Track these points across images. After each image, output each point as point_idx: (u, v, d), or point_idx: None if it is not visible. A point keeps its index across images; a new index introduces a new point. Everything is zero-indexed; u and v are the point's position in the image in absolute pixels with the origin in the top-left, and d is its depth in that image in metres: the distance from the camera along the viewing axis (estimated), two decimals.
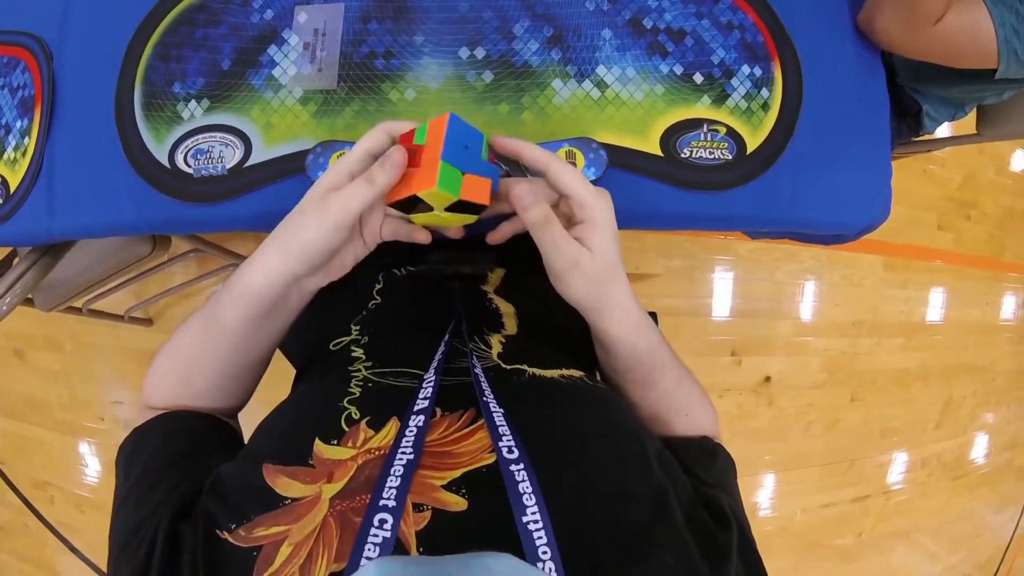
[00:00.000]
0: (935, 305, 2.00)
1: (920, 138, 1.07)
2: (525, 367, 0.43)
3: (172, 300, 1.55)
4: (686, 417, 0.47)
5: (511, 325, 0.51)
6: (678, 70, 0.59)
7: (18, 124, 0.64)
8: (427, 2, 0.57)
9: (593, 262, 0.38)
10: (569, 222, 0.39)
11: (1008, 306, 2.19)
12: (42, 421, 1.71)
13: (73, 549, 1.66)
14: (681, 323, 1.67)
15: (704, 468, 0.40)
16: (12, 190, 0.63)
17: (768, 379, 1.75)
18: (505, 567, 0.23)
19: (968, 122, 1.03)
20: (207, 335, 0.43)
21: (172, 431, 0.42)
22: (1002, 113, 1.03)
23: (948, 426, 2.05)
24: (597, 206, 0.38)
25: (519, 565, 0.23)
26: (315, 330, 0.63)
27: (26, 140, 0.63)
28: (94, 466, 1.69)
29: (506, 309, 0.54)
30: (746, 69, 0.60)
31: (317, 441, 0.33)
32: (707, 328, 1.60)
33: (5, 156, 0.64)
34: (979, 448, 2.17)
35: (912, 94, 0.97)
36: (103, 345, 1.61)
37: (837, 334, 1.82)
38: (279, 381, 0.66)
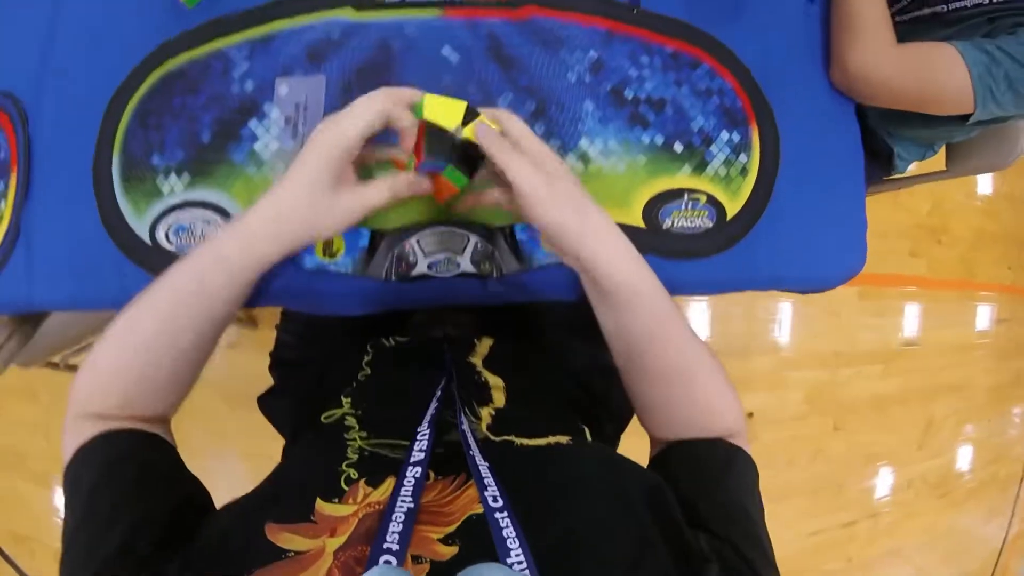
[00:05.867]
0: (911, 330, 2.04)
1: (891, 177, 1.11)
2: (513, 438, 0.44)
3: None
4: (704, 397, 0.46)
5: (499, 398, 0.52)
6: (659, 140, 0.60)
7: None
8: (410, 76, 0.58)
9: (561, 180, 0.42)
10: None
11: (982, 324, 2.25)
12: (19, 473, 1.65)
13: None
14: None
15: (707, 491, 0.40)
16: None
17: (751, 415, 1.77)
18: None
19: (937, 157, 1.07)
20: (184, 303, 0.42)
21: (118, 456, 0.40)
22: (969, 149, 1.06)
23: (931, 446, 2.08)
24: (544, 147, 0.44)
25: (509, 574, 0.25)
26: (306, 401, 0.63)
27: (2, 204, 0.61)
28: None
29: (495, 382, 0.54)
30: (725, 135, 0.61)
31: (319, 500, 0.34)
32: None
33: None
34: (963, 464, 2.21)
35: (884, 137, 1.00)
36: None
37: (816, 365, 1.86)
38: (263, 434, 0.66)
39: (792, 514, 1.84)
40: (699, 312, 1.78)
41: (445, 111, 0.43)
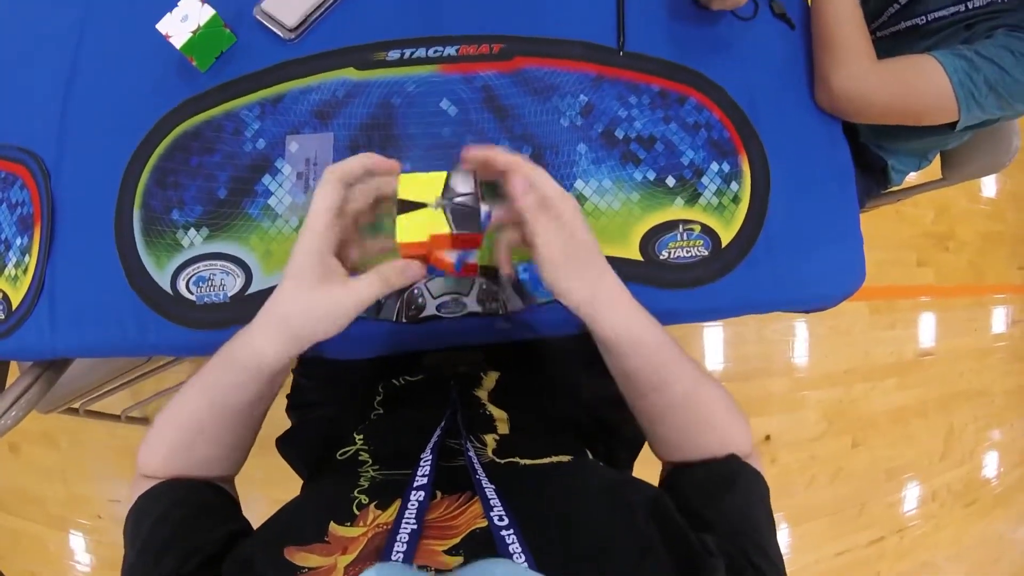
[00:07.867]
0: (925, 340, 2.02)
1: (889, 191, 1.12)
2: (517, 459, 0.46)
3: (168, 400, 1.54)
4: (713, 429, 0.47)
5: (504, 428, 0.54)
6: (651, 176, 0.62)
7: (18, 241, 0.65)
8: (412, 129, 0.61)
9: (579, 245, 0.41)
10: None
11: (998, 327, 2.22)
12: (37, 516, 1.67)
13: None
14: None
15: (713, 503, 0.41)
16: (14, 307, 0.63)
17: (768, 438, 1.76)
18: (504, 571, 0.26)
19: (933, 166, 1.07)
20: (210, 410, 0.45)
21: (177, 499, 0.43)
22: (964, 155, 1.04)
23: (953, 456, 2.04)
24: (566, 198, 0.41)
25: (517, 569, 0.26)
26: (322, 443, 0.65)
27: (27, 258, 0.64)
28: (90, 563, 1.64)
29: (499, 415, 0.56)
30: (715, 166, 0.64)
31: (332, 523, 0.36)
32: None
33: (6, 272, 0.65)
34: (989, 471, 2.16)
35: (876, 151, 1.01)
36: (99, 443, 1.60)
37: (831, 384, 1.84)
38: (284, 479, 0.67)
39: (816, 536, 1.81)
40: (712, 337, 1.77)
41: (421, 187, 0.40)
